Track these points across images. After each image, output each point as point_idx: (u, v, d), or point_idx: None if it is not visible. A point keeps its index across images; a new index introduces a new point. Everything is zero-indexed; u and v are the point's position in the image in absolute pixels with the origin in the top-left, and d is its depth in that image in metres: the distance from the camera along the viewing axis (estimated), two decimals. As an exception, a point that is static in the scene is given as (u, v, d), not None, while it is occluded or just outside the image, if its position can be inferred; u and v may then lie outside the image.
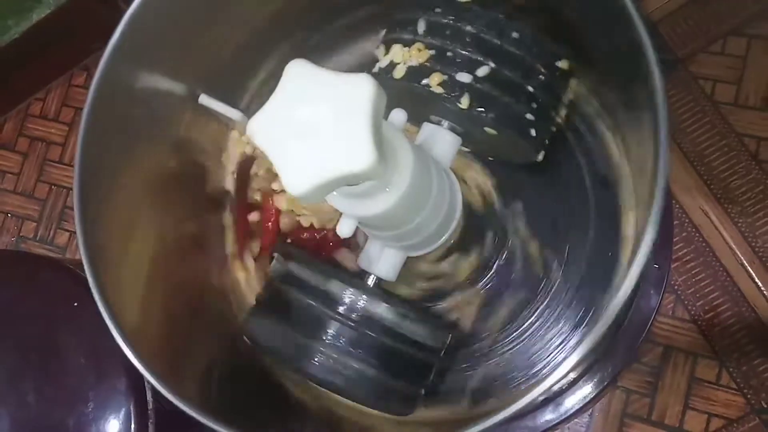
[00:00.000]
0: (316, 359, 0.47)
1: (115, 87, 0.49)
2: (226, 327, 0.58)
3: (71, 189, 0.47)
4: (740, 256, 0.87)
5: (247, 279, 0.61)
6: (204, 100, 0.57)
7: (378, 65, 0.51)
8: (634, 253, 0.39)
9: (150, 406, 0.63)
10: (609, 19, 0.43)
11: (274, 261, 0.53)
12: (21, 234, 1.11)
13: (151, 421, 0.63)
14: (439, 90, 0.48)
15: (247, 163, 0.61)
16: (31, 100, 1.14)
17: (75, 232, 0.47)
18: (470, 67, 0.48)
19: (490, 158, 0.60)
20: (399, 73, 0.49)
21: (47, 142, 1.13)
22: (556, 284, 0.59)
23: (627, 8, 0.41)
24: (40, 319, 0.65)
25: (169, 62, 0.53)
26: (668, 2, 0.94)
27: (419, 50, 0.49)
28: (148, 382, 0.45)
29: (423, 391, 0.53)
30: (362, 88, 0.36)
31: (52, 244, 1.10)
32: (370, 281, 0.53)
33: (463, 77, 0.48)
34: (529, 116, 0.49)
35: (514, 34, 0.48)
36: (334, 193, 0.43)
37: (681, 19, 0.93)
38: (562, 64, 0.51)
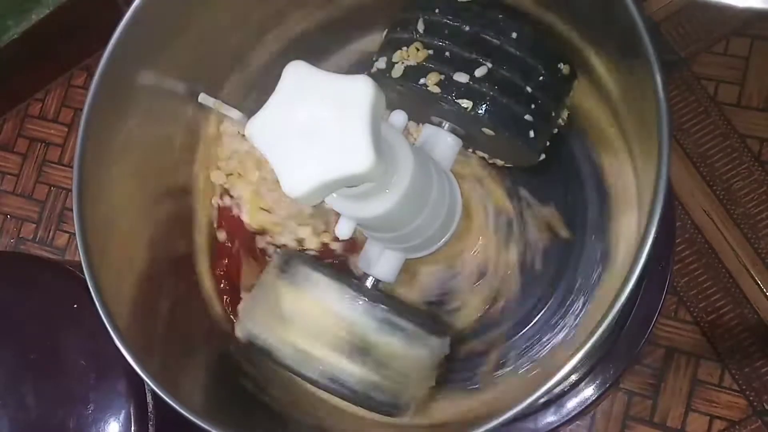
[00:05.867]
0: (315, 364, 0.47)
1: (114, 87, 0.49)
2: (225, 331, 0.58)
3: (71, 190, 0.47)
4: (742, 257, 0.87)
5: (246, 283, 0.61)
6: (203, 99, 0.57)
7: (376, 65, 0.51)
8: (635, 254, 0.39)
9: (150, 407, 0.63)
10: (611, 20, 0.43)
11: (271, 263, 0.53)
12: (20, 235, 1.11)
13: (151, 423, 0.62)
14: (436, 90, 0.48)
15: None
16: (30, 100, 1.14)
17: (74, 234, 0.47)
18: (468, 67, 0.48)
19: (491, 160, 0.60)
20: (397, 72, 0.49)
21: (46, 143, 1.13)
22: (557, 285, 0.59)
23: (629, 9, 0.41)
24: (39, 320, 0.65)
25: (168, 62, 0.53)
26: (671, 2, 0.94)
27: (417, 50, 0.49)
28: (148, 384, 0.45)
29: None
30: (361, 90, 0.36)
31: (51, 246, 1.10)
32: (369, 283, 0.53)
33: (461, 77, 0.47)
34: (528, 117, 0.49)
35: (514, 35, 0.48)
36: (334, 194, 0.42)
37: (683, 19, 0.93)
38: (563, 64, 0.51)
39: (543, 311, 0.59)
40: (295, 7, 0.58)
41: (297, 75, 0.37)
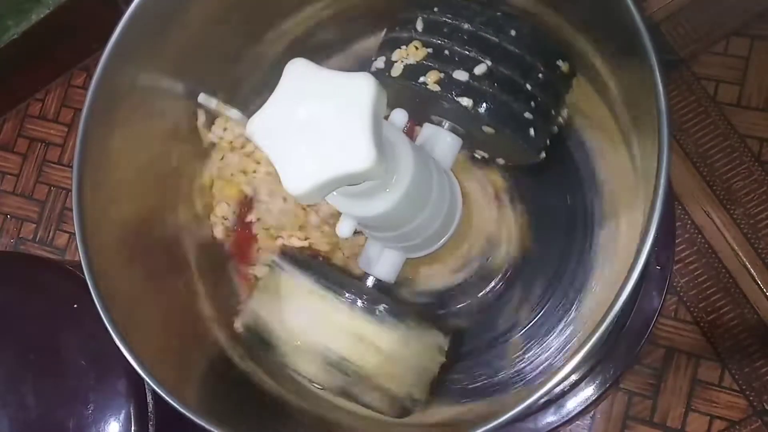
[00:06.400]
0: (316, 363, 0.47)
1: (114, 87, 0.49)
2: (225, 329, 0.58)
3: (71, 190, 0.47)
4: (742, 257, 0.87)
5: (246, 280, 0.61)
6: (203, 99, 0.57)
7: (374, 64, 0.51)
8: (635, 254, 0.39)
9: (150, 407, 0.62)
10: (611, 20, 0.43)
11: (271, 261, 0.53)
12: (20, 235, 1.11)
13: (151, 423, 0.62)
14: (436, 88, 0.48)
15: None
16: (30, 100, 1.14)
17: (74, 234, 0.47)
18: (467, 64, 0.48)
19: (493, 158, 0.60)
20: (396, 71, 0.49)
21: (46, 142, 1.13)
22: (556, 285, 0.59)
23: (629, 8, 0.41)
24: (40, 320, 0.65)
25: (168, 62, 0.53)
26: (670, 2, 0.94)
27: (416, 48, 0.49)
28: (148, 384, 0.44)
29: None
30: (362, 87, 0.36)
31: (51, 246, 1.10)
32: (369, 282, 0.53)
33: (460, 75, 0.48)
34: (527, 115, 0.49)
35: (513, 32, 0.48)
36: (334, 193, 0.42)
37: (683, 19, 0.93)
38: (562, 62, 0.51)
39: (543, 311, 0.59)
40: (295, 7, 0.58)
41: (298, 73, 0.37)
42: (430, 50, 0.49)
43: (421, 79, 0.48)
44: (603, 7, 0.44)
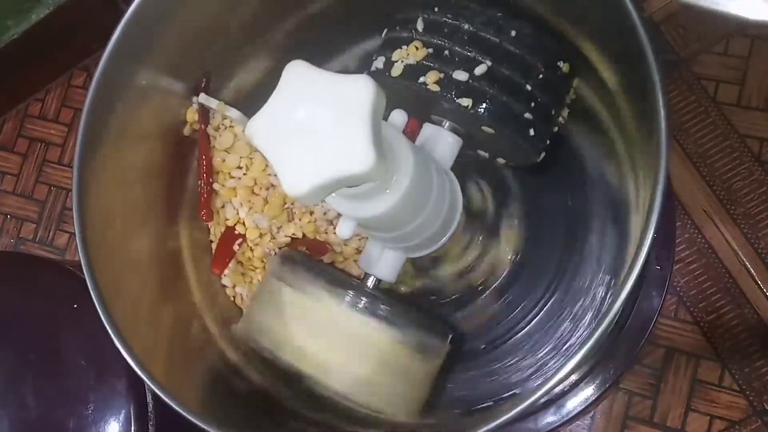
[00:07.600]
0: (316, 364, 0.47)
1: (114, 87, 0.49)
2: (225, 330, 0.58)
3: (71, 190, 0.47)
4: (742, 257, 0.87)
5: (244, 282, 0.61)
6: (204, 99, 0.57)
7: (374, 64, 0.51)
8: (634, 254, 0.39)
9: (150, 407, 0.62)
10: (611, 20, 0.43)
11: (271, 261, 0.53)
12: (20, 235, 1.11)
13: (151, 423, 0.62)
14: (436, 88, 0.48)
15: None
16: (30, 100, 1.14)
17: (74, 234, 0.47)
18: (467, 65, 0.48)
19: (493, 158, 0.60)
20: (396, 71, 0.49)
21: (46, 142, 1.13)
22: (557, 285, 0.59)
23: (628, 9, 0.41)
24: (40, 320, 0.65)
25: (168, 62, 0.53)
26: (670, 2, 0.94)
27: (416, 48, 0.49)
28: (148, 384, 0.44)
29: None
30: (361, 89, 0.36)
31: (51, 246, 1.10)
32: (370, 282, 0.53)
33: (460, 75, 0.48)
34: (527, 115, 0.49)
35: (513, 33, 0.48)
36: (334, 194, 0.42)
37: (683, 19, 0.93)
38: (563, 63, 0.51)
39: (543, 311, 0.59)
40: (295, 8, 0.58)
41: (297, 75, 0.37)
42: (430, 50, 0.49)
43: (421, 79, 0.48)
44: (603, 8, 0.44)
